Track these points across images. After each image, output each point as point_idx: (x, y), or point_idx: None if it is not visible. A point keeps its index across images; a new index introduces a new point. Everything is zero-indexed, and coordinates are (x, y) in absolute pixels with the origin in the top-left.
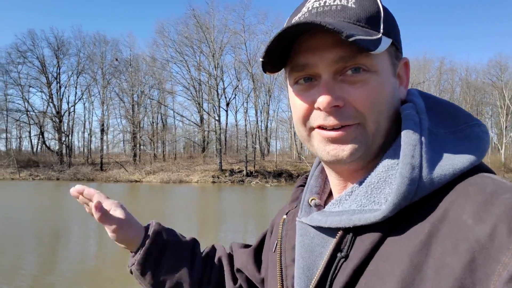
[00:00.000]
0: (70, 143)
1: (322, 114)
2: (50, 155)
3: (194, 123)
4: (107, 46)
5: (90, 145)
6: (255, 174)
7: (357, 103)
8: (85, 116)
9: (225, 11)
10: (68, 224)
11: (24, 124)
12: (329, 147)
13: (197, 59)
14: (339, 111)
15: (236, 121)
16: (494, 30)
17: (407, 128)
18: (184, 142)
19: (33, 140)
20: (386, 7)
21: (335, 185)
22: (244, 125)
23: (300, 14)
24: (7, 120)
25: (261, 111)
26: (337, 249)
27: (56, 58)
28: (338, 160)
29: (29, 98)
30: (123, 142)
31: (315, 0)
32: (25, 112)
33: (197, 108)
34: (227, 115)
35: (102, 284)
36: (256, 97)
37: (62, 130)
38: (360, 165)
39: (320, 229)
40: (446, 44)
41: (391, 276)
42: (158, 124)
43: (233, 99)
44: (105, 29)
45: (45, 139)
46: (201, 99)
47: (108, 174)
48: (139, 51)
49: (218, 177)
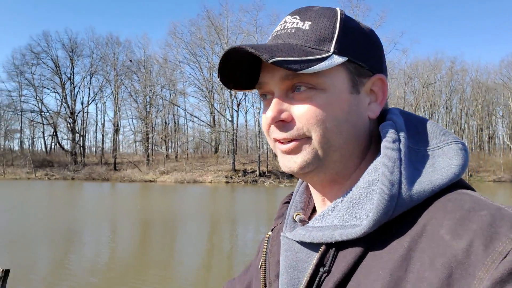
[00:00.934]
0: (84, 143)
1: (275, 128)
2: (64, 155)
3: (207, 124)
4: (119, 48)
5: (103, 145)
6: (268, 174)
7: (301, 119)
8: (97, 116)
9: (239, 12)
10: (83, 224)
11: (37, 124)
12: (284, 158)
13: (208, 60)
14: (287, 125)
15: (246, 122)
16: (507, 30)
17: (386, 145)
18: (194, 142)
19: (46, 140)
20: (351, 26)
21: (316, 200)
22: (258, 125)
23: (270, 37)
24: (22, 120)
25: None
26: (319, 264)
27: (70, 60)
28: (292, 171)
29: (43, 99)
30: (135, 142)
31: (280, 24)
32: (39, 113)
33: (209, 109)
34: (237, 116)
35: (115, 284)
36: None
37: (76, 130)
38: (324, 178)
39: (304, 244)
40: (457, 45)
41: None
42: (170, 124)
43: (243, 99)
44: (118, 31)
45: (59, 139)
46: (213, 99)
47: (123, 174)
48: (152, 52)
49: (232, 177)
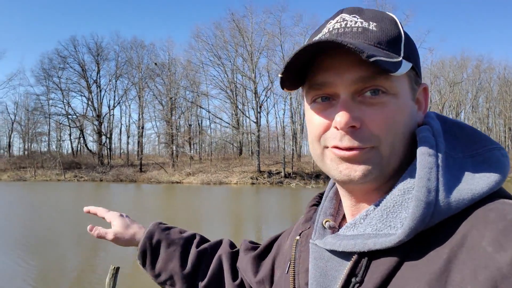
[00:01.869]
0: (110, 145)
1: (338, 134)
2: (90, 157)
3: (232, 126)
4: (144, 51)
5: (128, 147)
6: (293, 175)
7: (373, 126)
8: (121, 118)
9: (263, 14)
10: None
11: (64, 127)
12: (342, 166)
13: (232, 62)
14: (355, 132)
15: (267, 123)
16: None
17: (423, 150)
18: (215, 143)
19: (73, 143)
20: (406, 32)
21: (348, 207)
22: (282, 126)
23: (320, 34)
24: (49, 123)
25: (293, 112)
26: (351, 273)
27: (96, 63)
28: (350, 180)
29: (70, 102)
30: (159, 144)
31: (336, 22)
32: (66, 116)
33: (234, 111)
34: (260, 117)
35: (138, 284)
36: (291, 98)
37: (103, 133)
38: (373, 186)
39: (334, 252)
40: (485, 43)
41: None
42: (194, 126)
43: (264, 101)
44: (143, 35)
45: (86, 141)
46: (236, 101)
47: (150, 175)
48: (176, 55)
49: (257, 179)
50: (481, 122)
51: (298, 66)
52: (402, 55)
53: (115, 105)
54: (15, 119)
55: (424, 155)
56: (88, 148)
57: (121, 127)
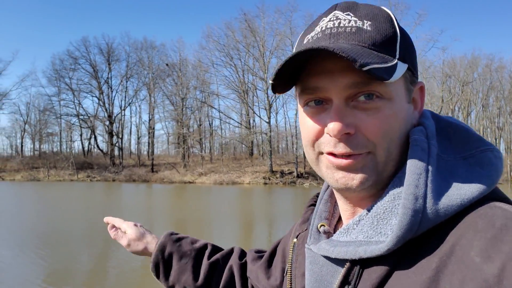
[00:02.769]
0: (122, 146)
1: (332, 140)
2: (102, 157)
3: (245, 127)
4: (154, 51)
5: (139, 147)
6: (306, 175)
7: (368, 132)
8: (131, 118)
9: (275, 14)
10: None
11: (76, 127)
12: (338, 174)
13: (243, 62)
14: (350, 138)
15: (276, 123)
16: None
17: (413, 155)
18: (227, 143)
19: (84, 143)
20: (402, 29)
21: (344, 211)
22: (295, 126)
23: (313, 33)
24: (61, 123)
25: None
26: (345, 281)
27: (108, 64)
28: (348, 188)
29: (81, 102)
30: (168, 144)
31: (329, 20)
32: (77, 116)
33: (246, 111)
34: (271, 117)
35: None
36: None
37: (114, 133)
38: (370, 193)
39: (328, 258)
40: (496, 41)
41: None
42: (205, 126)
43: (274, 101)
44: (154, 35)
45: (98, 142)
46: (247, 101)
47: (162, 175)
48: (187, 56)
49: (269, 179)
50: (491, 121)
51: (290, 70)
52: (397, 56)
53: (126, 106)
54: (27, 119)
55: (414, 160)
56: (99, 148)
57: (131, 127)
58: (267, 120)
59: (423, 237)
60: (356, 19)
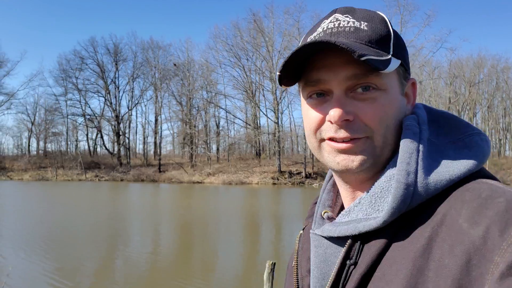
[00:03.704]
0: (129, 146)
1: (333, 127)
2: (109, 157)
3: (254, 127)
4: (160, 51)
5: (146, 147)
6: (314, 175)
7: (366, 118)
8: (136, 118)
9: (284, 15)
10: (134, 223)
11: (81, 126)
12: (339, 157)
13: (251, 62)
14: (349, 125)
15: (281, 123)
16: None
17: (406, 137)
18: (237, 143)
19: (90, 143)
20: (396, 31)
21: (345, 197)
22: (300, 127)
23: (315, 33)
24: (67, 123)
25: None
26: (346, 257)
27: (115, 64)
28: (348, 169)
29: (88, 102)
30: (178, 143)
31: (330, 21)
32: (83, 116)
33: (252, 111)
34: (278, 118)
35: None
36: None
37: (122, 132)
38: (368, 175)
39: (332, 239)
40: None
41: (396, 280)
42: (212, 126)
43: (280, 101)
44: (162, 35)
45: (104, 141)
46: (255, 102)
47: (170, 175)
48: (194, 56)
49: (278, 179)
50: (496, 122)
51: (295, 64)
52: (391, 53)
53: (132, 106)
54: (34, 119)
55: (406, 141)
56: (106, 148)
57: (136, 127)
58: (275, 120)
59: (417, 211)
60: (354, 20)
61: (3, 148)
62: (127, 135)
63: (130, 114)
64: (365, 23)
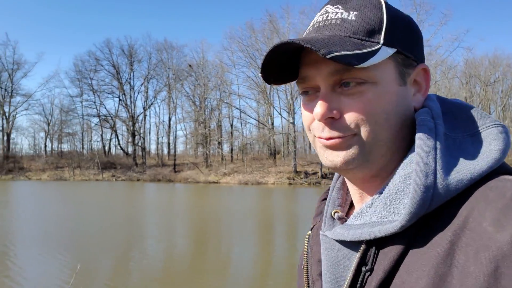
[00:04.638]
0: (145, 146)
1: (320, 125)
2: (124, 157)
3: (269, 127)
4: (174, 52)
5: (162, 147)
6: (330, 176)
7: (351, 115)
8: (150, 119)
9: (300, 15)
10: (151, 223)
11: (98, 127)
12: (327, 153)
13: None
14: (334, 122)
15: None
16: None
17: (421, 134)
18: (250, 143)
19: (106, 143)
20: (395, 16)
21: (353, 194)
22: None
23: (308, 28)
24: (83, 124)
25: None
26: (361, 262)
27: (130, 65)
28: (334, 165)
29: (104, 103)
30: (194, 143)
31: (320, 14)
32: (98, 116)
33: (267, 112)
34: (294, 118)
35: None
36: None
37: (138, 132)
38: (367, 174)
39: (343, 242)
40: None
41: None
42: (226, 127)
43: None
44: (177, 37)
45: (120, 142)
46: (269, 102)
47: (186, 175)
48: (208, 56)
49: (294, 179)
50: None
51: (278, 64)
52: (381, 42)
53: (147, 107)
54: (50, 119)
55: (422, 139)
56: (121, 148)
57: (150, 128)
58: (291, 121)
59: (435, 213)
60: (343, 11)
61: (20, 149)
62: (142, 135)
63: (145, 114)
64: (355, 12)
